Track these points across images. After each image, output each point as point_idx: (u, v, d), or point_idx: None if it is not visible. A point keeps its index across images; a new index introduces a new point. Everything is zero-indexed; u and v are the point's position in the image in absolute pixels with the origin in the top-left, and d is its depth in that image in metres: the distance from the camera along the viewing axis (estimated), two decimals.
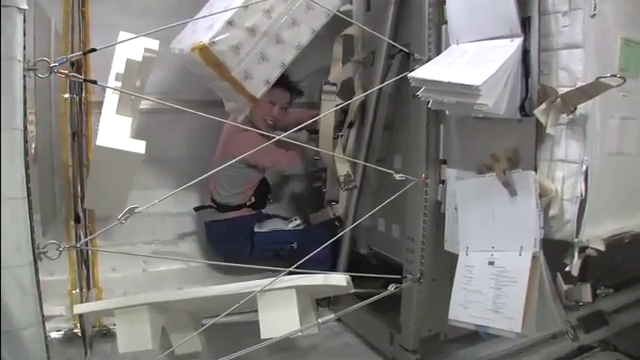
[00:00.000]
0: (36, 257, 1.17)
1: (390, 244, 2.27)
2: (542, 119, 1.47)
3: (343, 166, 2.26)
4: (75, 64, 2.16)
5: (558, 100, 1.45)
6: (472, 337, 1.98)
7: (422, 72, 1.60)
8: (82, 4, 2.29)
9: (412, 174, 1.90)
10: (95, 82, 1.32)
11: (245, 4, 1.89)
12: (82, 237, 2.15)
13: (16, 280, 1.14)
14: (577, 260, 1.55)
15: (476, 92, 1.38)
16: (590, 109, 1.47)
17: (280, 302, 1.66)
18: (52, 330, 2.23)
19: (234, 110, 2.28)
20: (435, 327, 2.05)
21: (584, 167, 1.48)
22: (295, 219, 2.70)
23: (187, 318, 1.95)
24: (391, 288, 1.80)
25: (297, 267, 1.66)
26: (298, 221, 2.68)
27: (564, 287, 1.62)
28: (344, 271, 2.19)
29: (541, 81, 1.50)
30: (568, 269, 1.57)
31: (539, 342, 2.23)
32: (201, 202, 2.78)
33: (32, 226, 1.18)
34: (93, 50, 1.28)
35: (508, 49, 1.48)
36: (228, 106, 2.32)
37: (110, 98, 1.50)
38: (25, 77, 1.15)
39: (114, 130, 1.43)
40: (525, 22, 1.49)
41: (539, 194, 1.51)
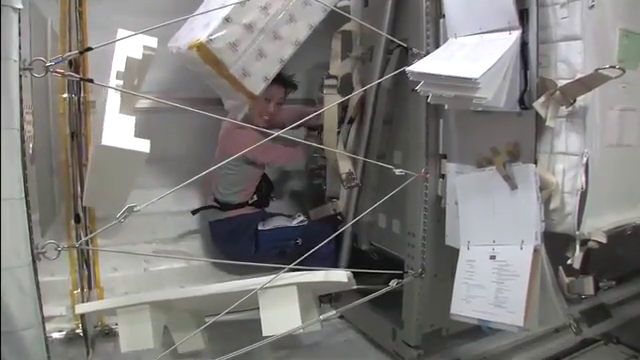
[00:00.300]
0: (35, 257, 1.17)
1: (391, 240, 2.26)
2: (541, 112, 1.47)
3: (345, 164, 2.25)
4: (74, 64, 2.16)
5: (557, 92, 1.45)
6: (475, 332, 1.97)
7: (420, 66, 1.60)
8: (79, 4, 2.29)
9: (412, 169, 1.89)
10: (91, 81, 1.32)
11: (242, 0, 1.88)
12: (82, 237, 2.15)
13: (15, 281, 1.14)
14: (579, 253, 1.55)
15: (474, 85, 1.37)
16: (590, 101, 1.47)
17: (281, 299, 1.66)
18: (54, 330, 2.24)
19: (233, 108, 2.27)
20: (437, 322, 2.05)
21: (584, 159, 1.48)
22: (299, 215, 2.70)
23: (189, 317, 1.95)
24: (393, 284, 1.80)
25: (302, 264, 1.65)
26: (302, 217, 2.68)
27: (566, 280, 1.62)
28: (346, 267, 2.19)
29: (540, 74, 1.50)
30: (570, 262, 1.57)
31: (542, 336, 2.22)
32: (201, 201, 2.78)
33: (30, 226, 1.18)
34: (89, 49, 1.28)
35: (506, 42, 1.48)
36: (227, 104, 2.32)
37: (112, 97, 1.49)
38: (21, 77, 1.15)
39: (118, 129, 1.42)
40: (523, 14, 1.48)
41: (539, 187, 1.50)
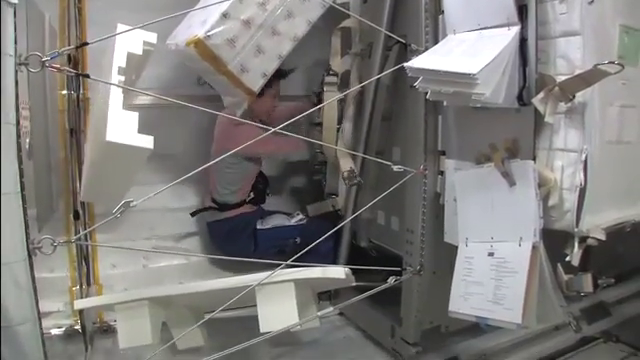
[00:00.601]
0: (30, 252, 1.16)
1: (390, 236, 2.26)
2: (540, 108, 1.46)
3: (346, 161, 2.24)
4: (72, 60, 2.15)
5: (556, 88, 1.45)
6: (473, 329, 1.96)
7: (418, 62, 1.59)
8: (78, 0, 2.28)
9: (411, 166, 1.89)
10: (88, 76, 1.32)
11: None
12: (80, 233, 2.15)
13: (11, 276, 1.14)
14: (577, 250, 1.54)
15: (473, 81, 1.37)
16: (589, 97, 1.46)
17: (278, 295, 1.65)
18: (52, 327, 2.24)
19: (232, 105, 2.27)
20: (436, 319, 2.04)
21: (583, 156, 1.47)
22: (297, 214, 2.69)
23: (188, 313, 1.94)
24: (391, 281, 1.79)
25: (301, 262, 1.64)
26: (301, 216, 2.67)
27: (565, 277, 1.61)
28: (345, 264, 2.18)
29: (539, 69, 1.49)
30: (568, 259, 1.56)
31: (542, 334, 2.22)
32: (200, 198, 2.77)
33: (26, 221, 1.18)
34: (85, 44, 1.28)
35: (505, 38, 1.47)
36: (226, 101, 2.31)
37: (115, 93, 1.49)
38: (17, 72, 1.14)
39: (122, 125, 1.42)
40: (522, 10, 1.48)
41: (538, 184, 1.50)
